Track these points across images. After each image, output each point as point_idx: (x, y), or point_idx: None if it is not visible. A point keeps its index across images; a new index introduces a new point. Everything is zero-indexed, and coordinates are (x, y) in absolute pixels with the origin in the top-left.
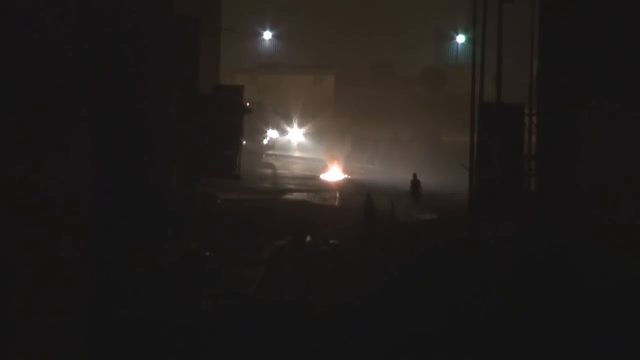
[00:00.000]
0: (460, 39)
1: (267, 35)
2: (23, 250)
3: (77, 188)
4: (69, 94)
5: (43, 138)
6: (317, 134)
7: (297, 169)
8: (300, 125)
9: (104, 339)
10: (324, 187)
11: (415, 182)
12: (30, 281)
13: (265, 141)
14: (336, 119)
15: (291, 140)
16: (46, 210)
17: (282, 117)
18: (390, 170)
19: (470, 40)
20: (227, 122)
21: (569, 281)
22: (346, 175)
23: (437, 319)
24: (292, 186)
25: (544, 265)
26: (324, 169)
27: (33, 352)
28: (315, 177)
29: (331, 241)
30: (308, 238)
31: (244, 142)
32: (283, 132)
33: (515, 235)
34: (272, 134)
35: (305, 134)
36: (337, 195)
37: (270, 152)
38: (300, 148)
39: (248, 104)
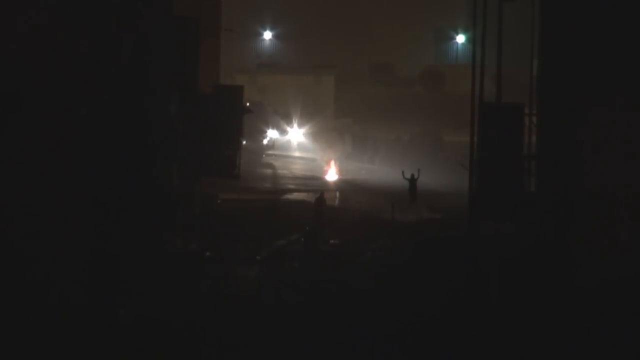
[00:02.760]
0: (460, 39)
1: (267, 35)
2: (25, 248)
3: (77, 188)
4: (69, 94)
5: (44, 137)
6: (317, 134)
7: (297, 169)
8: (300, 125)
9: (104, 339)
10: (324, 187)
11: (412, 182)
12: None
13: (265, 141)
14: (336, 119)
15: (291, 140)
16: (47, 209)
17: (282, 117)
18: (391, 170)
19: (470, 40)
20: (227, 122)
21: (568, 280)
22: (338, 176)
23: (429, 313)
24: (292, 186)
25: (543, 264)
26: (324, 169)
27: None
28: (315, 177)
29: (331, 241)
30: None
31: (244, 142)
32: (283, 132)
33: (514, 235)
34: (272, 134)
35: (305, 134)
36: (337, 195)
37: (270, 152)
38: (300, 148)
39: (248, 104)
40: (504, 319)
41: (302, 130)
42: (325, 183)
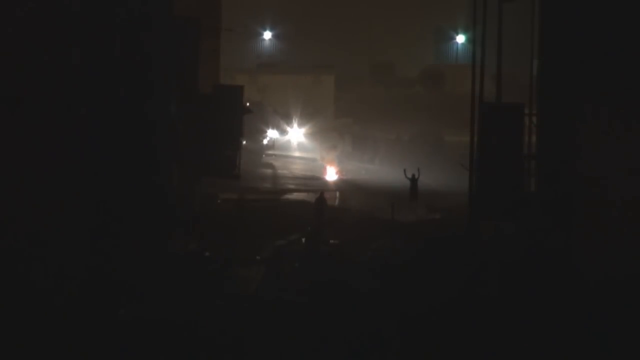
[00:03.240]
0: (460, 39)
1: (267, 35)
2: (26, 248)
3: (77, 188)
4: (69, 94)
5: (43, 138)
6: (317, 134)
7: (297, 169)
8: (300, 125)
9: (104, 339)
10: (324, 187)
11: (412, 182)
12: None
13: (265, 141)
14: (336, 119)
15: (291, 140)
16: (47, 210)
17: (282, 117)
18: (391, 170)
19: (470, 40)
20: (227, 122)
21: (568, 280)
22: (338, 176)
23: (428, 313)
24: (292, 186)
25: (543, 264)
26: (323, 169)
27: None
28: (315, 177)
29: (331, 241)
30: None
31: (244, 142)
32: (283, 132)
33: (514, 235)
34: (272, 134)
35: (305, 134)
36: (337, 195)
37: (270, 152)
38: (300, 148)
39: (248, 104)
40: (504, 318)
41: (302, 130)
42: (325, 183)
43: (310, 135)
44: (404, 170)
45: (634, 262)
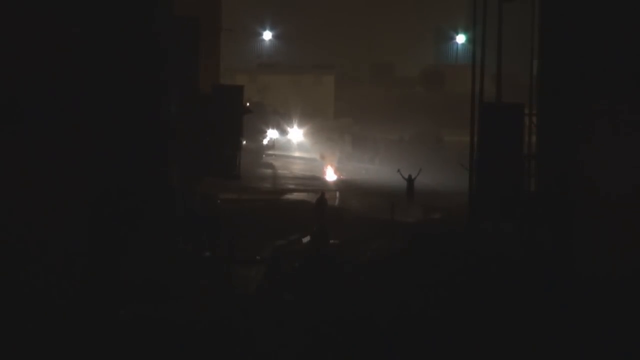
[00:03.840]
0: (460, 39)
1: (267, 35)
2: (26, 246)
3: (77, 187)
4: (69, 94)
5: (46, 137)
6: (317, 134)
7: (297, 169)
8: (300, 125)
9: (104, 339)
10: (324, 187)
11: (409, 182)
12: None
13: (265, 141)
14: (336, 119)
15: (291, 140)
16: (47, 210)
17: (282, 117)
18: (391, 170)
19: (470, 40)
20: (227, 122)
21: (567, 279)
22: (337, 176)
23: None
24: (292, 186)
25: (542, 263)
26: (323, 169)
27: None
28: (315, 177)
29: (331, 241)
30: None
31: (244, 142)
32: (283, 132)
33: (513, 234)
34: (272, 134)
35: (305, 134)
36: (337, 195)
37: (270, 152)
38: (300, 148)
39: (248, 104)
40: (503, 318)
41: (302, 130)
42: (325, 183)
43: (310, 135)
44: (399, 170)
45: (633, 261)
